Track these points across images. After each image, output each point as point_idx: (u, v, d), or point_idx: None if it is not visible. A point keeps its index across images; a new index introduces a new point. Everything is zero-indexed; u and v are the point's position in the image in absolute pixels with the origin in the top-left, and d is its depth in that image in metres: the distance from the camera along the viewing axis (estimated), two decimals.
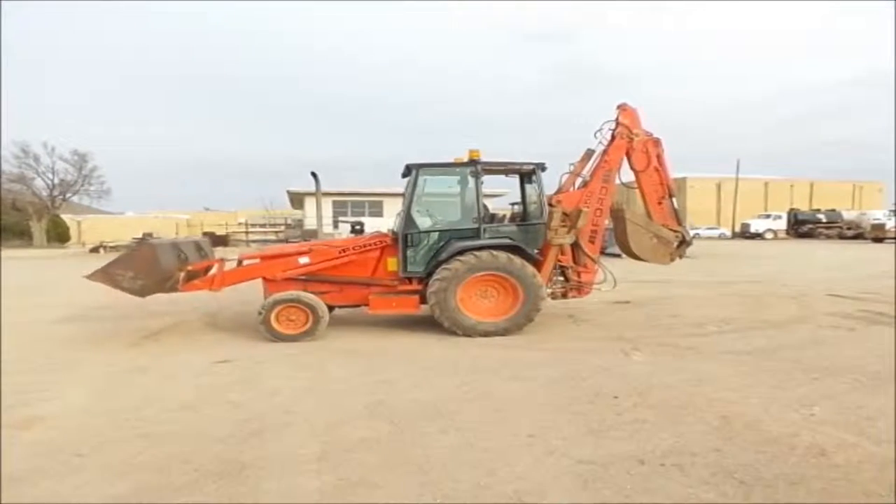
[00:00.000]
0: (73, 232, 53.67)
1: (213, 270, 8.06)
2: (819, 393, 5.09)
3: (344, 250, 8.10)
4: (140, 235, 40.21)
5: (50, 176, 48.83)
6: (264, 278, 8.06)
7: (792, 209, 50.40)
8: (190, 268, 7.89)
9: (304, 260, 8.00)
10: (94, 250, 36.03)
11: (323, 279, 8.07)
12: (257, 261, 8.23)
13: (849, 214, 47.70)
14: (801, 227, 47.19)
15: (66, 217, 53.67)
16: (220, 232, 47.92)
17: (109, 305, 11.27)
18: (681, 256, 9.02)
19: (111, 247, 36.42)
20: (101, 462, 3.78)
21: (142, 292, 7.55)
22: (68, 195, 50.54)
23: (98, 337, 8.12)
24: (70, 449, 3.99)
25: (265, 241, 42.11)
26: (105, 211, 64.48)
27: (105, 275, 7.46)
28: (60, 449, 4.01)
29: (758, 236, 46.98)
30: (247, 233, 51.86)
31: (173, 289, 7.80)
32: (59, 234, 50.32)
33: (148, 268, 7.40)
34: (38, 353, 7.18)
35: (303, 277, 8.02)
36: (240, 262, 8.30)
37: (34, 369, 6.35)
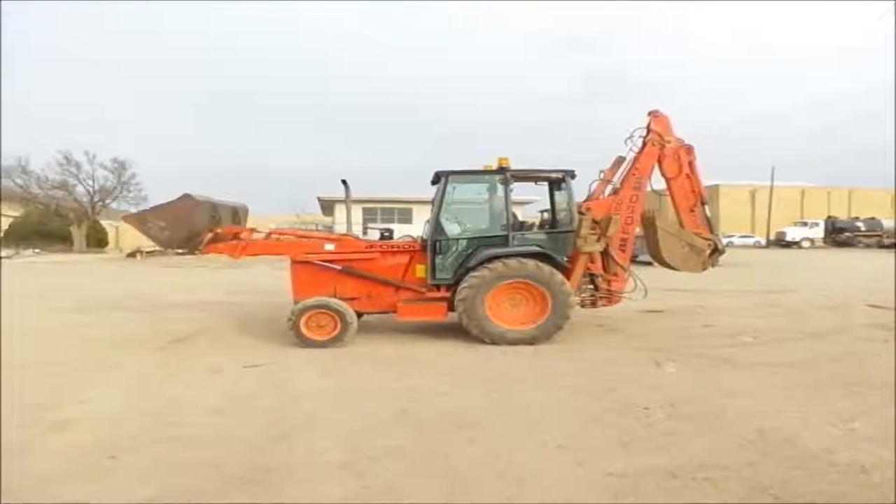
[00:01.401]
0: (110, 237, 55.07)
1: (241, 238, 8.20)
2: (859, 407, 4.91)
3: (371, 246, 8.22)
4: None
5: (90, 183, 50.23)
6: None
7: (829, 217, 49.13)
8: (219, 230, 8.01)
9: (329, 247, 8.11)
10: (131, 255, 36.87)
11: (349, 271, 8.06)
12: (284, 238, 8.43)
13: (888, 222, 46.36)
14: (838, 235, 45.99)
15: (105, 223, 55.08)
16: None
17: (142, 308, 11.54)
18: (713, 265, 8.84)
19: (147, 252, 37.27)
20: (132, 465, 3.85)
21: (166, 244, 7.76)
22: (107, 201, 51.87)
23: (130, 340, 8.27)
24: (102, 452, 4.06)
25: None
26: None
27: (139, 219, 7.71)
28: (93, 451, 4.08)
29: (794, 245, 45.87)
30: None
31: (196, 248, 7.94)
32: (98, 240, 51.68)
33: (181, 221, 7.53)
34: (72, 355, 7.35)
35: (328, 264, 8.02)
36: (268, 236, 8.44)
37: (68, 372, 6.50)
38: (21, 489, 3.50)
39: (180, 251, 38.09)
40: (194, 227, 7.64)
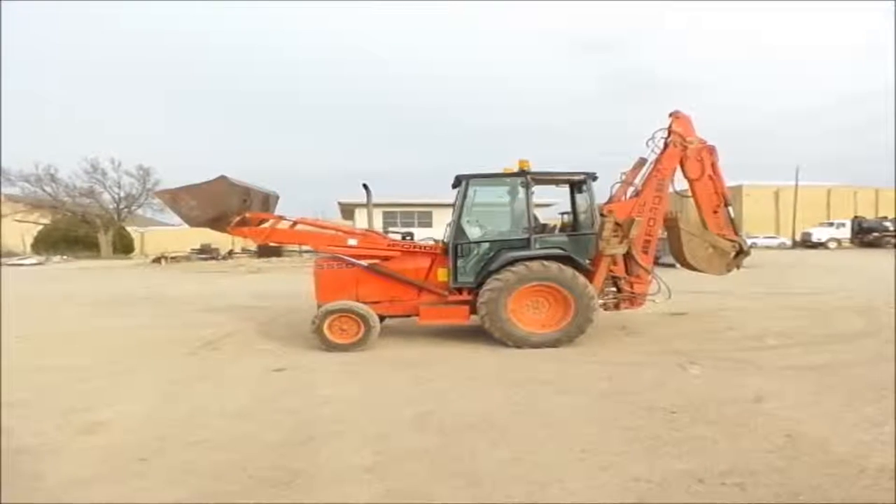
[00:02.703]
0: (136, 243, 55.97)
1: (267, 224, 8.32)
2: (889, 411, 4.82)
3: (393, 244, 8.29)
4: (199, 246, 41.70)
5: (116, 190, 51.12)
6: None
7: (856, 217, 48.11)
8: (248, 215, 8.15)
9: (352, 241, 8.19)
10: (156, 261, 37.48)
11: (372, 269, 8.10)
12: (309, 228, 8.52)
13: None
14: (866, 235, 44.96)
15: (130, 229, 55.99)
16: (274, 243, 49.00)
17: (169, 313, 11.73)
18: (738, 267, 8.74)
19: (172, 257, 37.83)
20: (162, 467, 3.92)
21: (194, 222, 7.88)
22: (133, 208, 52.74)
23: (158, 344, 8.42)
24: (132, 454, 4.15)
25: (318, 253, 42.85)
26: (166, 223, 66.95)
27: (172, 196, 7.88)
28: (124, 454, 4.17)
29: (820, 245, 45.02)
30: (300, 243, 52.82)
31: (222, 229, 8.10)
32: (123, 246, 52.56)
33: (212, 202, 7.67)
34: (102, 359, 7.50)
35: (349, 258, 8.10)
36: (294, 225, 8.56)
37: (99, 376, 6.64)
38: (55, 490, 3.59)
39: (204, 256, 38.43)
40: (224, 209, 7.77)
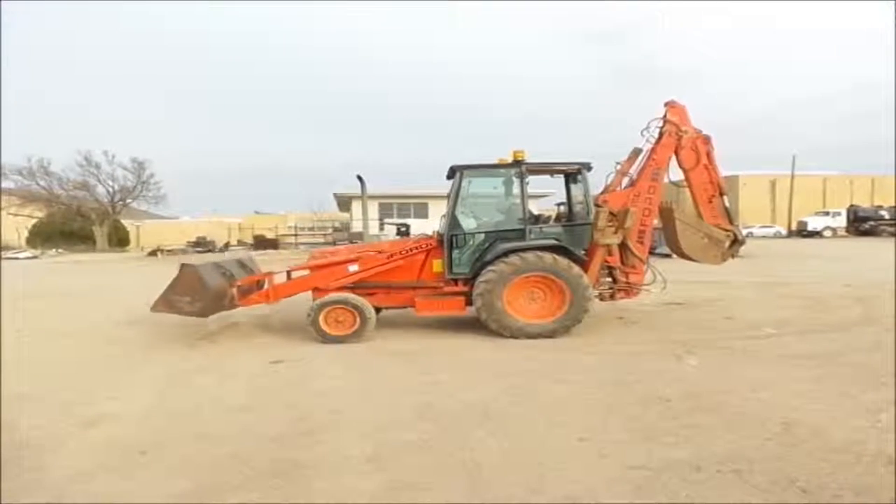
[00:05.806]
0: (132, 236, 55.80)
1: (266, 284, 8.26)
2: (887, 399, 4.85)
3: (391, 256, 8.19)
4: (194, 239, 41.61)
5: (111, 183, 50.92)
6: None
7: (852, 206, 48.25)
8: (240, 283, 8.14)
9: (353, 268, 8.13)
10: (152, 253, 37.41)
11: (372, 285, 8.19)
12: (307, 272, 8.35)
13: None
14: (861, 224, 45.12)
15: (126, 222, 55.81)
16: (270, 235, 49.13)
17: None
18: (733, 256, 8.75)
19: (168, 250, 37.76)
20: (163, 460, 3.92)
21: (203, 313, 7.83)
22: (128, 201, 52.55)
23: (158, 338, 8.40)
24: (134, 447, 4.15)
25: (313, 245, 42.97)
26: (161, 216, 66.84)
27: (166, 303, 7.80)
28: (125, 447, 4.17)
29: (816, 234, 45.16)
30: (296, 236, 52.81)
31: (232, 305, 8.11)
32: (119, 239, 52.41)
33: (199, 289, 7.64)
34: (103, 354, 7.50)
35: (352, 285, 8.16)
36: (289, 275, 8.47)
37: (99, 369, 6.64)
38: (58, 483, 3.60)
39: (200, 249, 38.32)
40: (214, 289, 7.74)
